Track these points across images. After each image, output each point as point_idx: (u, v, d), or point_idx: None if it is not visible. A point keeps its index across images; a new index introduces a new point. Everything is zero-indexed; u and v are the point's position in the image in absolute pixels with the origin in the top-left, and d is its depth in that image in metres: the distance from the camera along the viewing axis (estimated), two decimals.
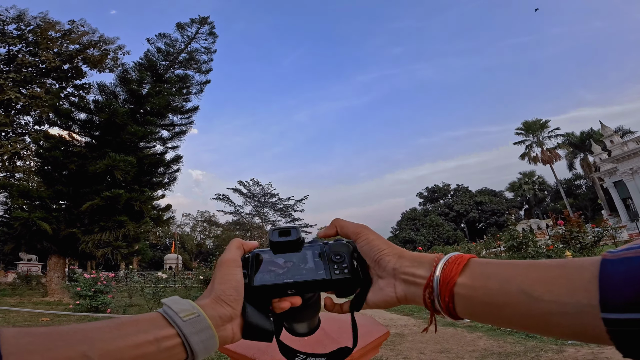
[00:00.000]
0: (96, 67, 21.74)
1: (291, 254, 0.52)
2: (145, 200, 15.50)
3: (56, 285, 14.23)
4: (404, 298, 0.45)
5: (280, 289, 0.49)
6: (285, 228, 0.53)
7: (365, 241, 0.49)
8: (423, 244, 45.99)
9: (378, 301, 0.47)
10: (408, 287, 0.44)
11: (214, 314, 0.42)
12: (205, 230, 55.96)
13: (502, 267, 0.38)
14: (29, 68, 20.04)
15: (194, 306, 0.42)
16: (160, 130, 17.86)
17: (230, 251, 0.50)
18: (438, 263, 0.42)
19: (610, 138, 29.76)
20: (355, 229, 0.51)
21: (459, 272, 0.40)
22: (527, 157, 43.98)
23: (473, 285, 0.38)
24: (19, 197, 14.46)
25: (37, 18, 20.89)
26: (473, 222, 56.63)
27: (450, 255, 0.43)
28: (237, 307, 0.45)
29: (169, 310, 0.40)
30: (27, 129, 21.32)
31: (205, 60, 19.82)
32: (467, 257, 0.42)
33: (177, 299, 0.43)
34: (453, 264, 0.41)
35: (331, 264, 0.50)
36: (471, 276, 0.39)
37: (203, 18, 19.77)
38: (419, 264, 0.45)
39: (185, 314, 0.40)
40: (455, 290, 0.39)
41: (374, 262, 0.48)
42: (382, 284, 0.47)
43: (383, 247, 0.48)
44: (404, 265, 0.45)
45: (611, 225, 15.30)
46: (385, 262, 0.46)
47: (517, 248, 9.33)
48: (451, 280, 0.40)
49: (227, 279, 0.46)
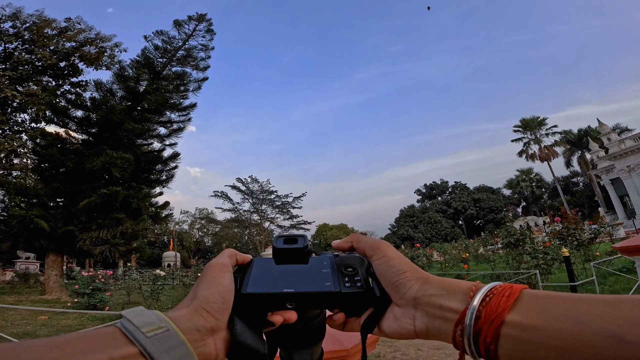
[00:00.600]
0: (93, 64, 21.64)
1: (296, 264, 0.45)
2: (143, 198, 15.48)
3: (54, 283, 14.21)
4: (424, 332, 0.37)
5: (277, 300, 0.41)
6: (292, 235, 0.47)
7: (383, 259, 0.42)
8: (421, 241, 46.15)
9: (391, 331, 0.40)
10: (432, 321, 0.37)
11: (190, 326, 0.35)
12: (204, 228, 55.97)
13: (572, 303, 0.29)
14: (25, 66, 19.92)
15: (162, 319, 0.34)
16: (157, 127, 17.82)
17: (221, 257, 0.44)
18: (476, 293, 0.34)
19: (608, 136, 29.85)
20: (372, 244, 0.44)
21: (509, 307, 0.31)
22: (524, 154, 44.12)
23: (531, 324, 0.30)
24: (16, 194, 14.42)
25: (33, 16, 20.79)
26: (471, 219, 56.85)
27: (494, 285, 0.35)
28: (222, 317, 0.38)
29: (129, 324, 0.32)
30: (24, 127, 21.24)
31: (202, 57, 19.78)
32: (518, 288, 0.33)
33: (140, 310, 0.35)
34: (500, 297, 0.33)
35: (342, 275, 0.43)
36: (527, 313, 0.30)
37: (201, 15, 19.67)
38: (449, 293, 0.37)
39: (150, 328, 0.32)
40: (502, 331, 0.31)
41: (391, 285, 0.40)
42: (398, 312, 0.40)
43: (404, 268, 0.40)
44: (429, 293, 0.37)
45: (608, 223, 15.40)
46: (406, 288, 0.39)
47: (515, 245, 9.37)
48: (498, 317, 0.31)
49: (213, 283, 0.39)
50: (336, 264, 0.45)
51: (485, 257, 14.93)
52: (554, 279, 8.68)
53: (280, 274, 0.44)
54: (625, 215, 30.19)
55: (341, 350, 1.41)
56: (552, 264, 8.43)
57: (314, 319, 0.46)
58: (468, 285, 0.36)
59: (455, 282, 0.38)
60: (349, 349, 1.41)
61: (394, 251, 0.43)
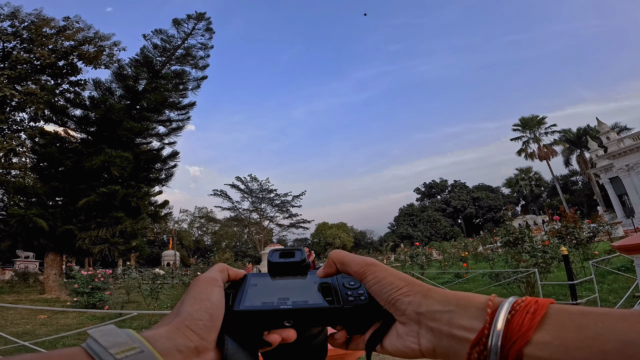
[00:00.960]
0: (91, 63, 21.59)
1: (293, 279, 0.42)
2: (142, 197, 15.47)
3: (53, 282, 14.21)
4: (431, 352, 0.33)
5: (274, 318, 0.37)
6: (288, 249, 0.44)
7: (374, 280, 0.38)
8: (420, 239, 46.21)
9: (394, 349, 0.36)
10: (439, 339, 0.32)
11: (170, 346, 0.31)
12: (203, 227, 55.98)
13: (614, 319, 0.25)
14: (24, 65, 19.87)
15: (135, 338, 0.30)
16: (156, 126, 17.80)
17: (210, 271, 0.40)
18: (499, 310, 0.29)
19: (607, 134, 29.88)
20: (358, 268, 0.39)
21: (535, 326, 0.27)
22: (523, 153, 44.17)
23: (564, 344, 0.25)
24: (15, 193, 14.40)
25: (31, 15, 20.75)
26: (470, 218, 56.95)
27: (514, 299, 0.30)
28: (209, 337, 0.34)
29: (95, 345, 0.28)
30: (23, 126, 21.20)
31: (202, 56, 19.72)
32: (544, 303, 0.29)
33: (110, 328, 0.31)
34: (523, 313, 0.28)
35: (343, 289, 0.40)
36: (559, 331, 0.26)
37: (200, 14, 19.62)
38: (458, 308, 0.32)
39: (121, 349, 0.28)
40: (526, 352, 0.26)
41: (388, 304, 0.37)
42: (401, 329, 0.36)
43: (399, 284, 0.36)
44: (434, 309, 0.33)
45: (607, 222, 15.42)
46: (405, 304, 0.35)
47: (513, 244, 9.38)
48: (522, 337, 0.27)
49: (199, 298, 0.35)
50: (336, 277, 0.42)
51: (484, 256, 14.95)
52: (553, 278, 8.70)
53: (276, 289, 0.40)
54: (624, 214, 30.25)
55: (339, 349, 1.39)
56: (551, 263, 8.44)
57: (314, 338, 0.42)
58: (481, 300, 0.32)
59: (465, 295, 0.33)
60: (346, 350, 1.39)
61: (384, 269, 0.39)
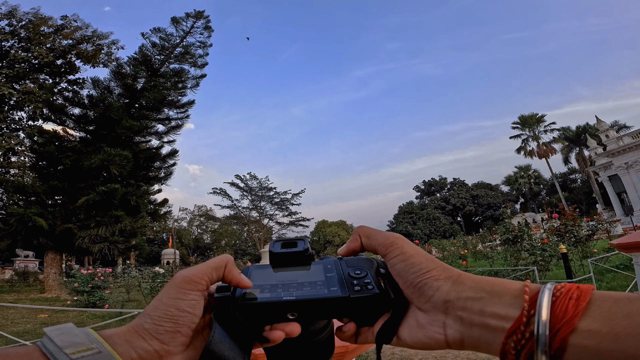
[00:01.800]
0: (90, 62, 21.51)
1: (296, 270, 0.40)
2: (142, 195, 15.46)
3: (53, 281, 14.22)
4: (458, 343, 0.31)
5: (276, 310, 0.35)
6: (290, 239, 0.42)
7: (400, 257, 0.35)
8: (420, 237, 46.29)
9: (415, 341, 0.33)
10: (469, 330, 0.30)
11: (129, 349, 0.29)
12: (203, 225, 55.97)
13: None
14: (22, 64, 19.80)
15: (94, 338, 0.28)
16: (155, 124, 17.77)
17: (199, 269, 0.35)
18: (539, 297, 0.27)
19: (606, 132, 29.92)
20: (384, 240, 0.37)
21: (580, 312, 0.25)
22: (523, 151, 44.24)
23: (614, 332, 0.23)
24: (14, 192, 14.38)
25: (29, 14, 20.67)
26: (469, 216, 57.03)
27: (553, 285, 0.28)
28: (172, 342, 0.31)
29: (50, 344, 0.27)
30: (21, 125, 21.15)
31: (201, 54, 19.70)
32: (587, 289, 0.27)
33: (67, 327, 0.29)
34: (565, 299, 0.26)
35: (350, 279, 0.37)
36: (607, 319, 0.24)
37: (198, 12, 19.57)
38: (491, 295, 0.29)
39: (76, 349, 0.27)
40: (571, 340, 0.24)
41: (412, 288, 0.33)
42: (422, 319, 0.33)
43: (428, 266, 0.33)
44: (465, 296, 0.30)
45: (605, 219, 15.46)
46: (433, 290, 0.32)
47: (513, 241, 9.41)
48: (567, 324, 0.25)
49: (166, 303, 0.32)
50: (342, 267, 0.39)
51: (483, 254, 15.00)
52: (552, 276, 8.74)
53: (279, 280, 0.38)
54: (623, 212, 30.33)
55: (340, 347, 1.39)
56: (550, 261, 8.48)
57: (319, 333, 0.40)
58: (517, 286, 0.30)
59: (498, 281, 0.31)
60: (347, 346, 1.39)
61: (412, 246, 0.36)
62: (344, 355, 1.40)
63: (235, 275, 0.36)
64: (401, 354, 4.89)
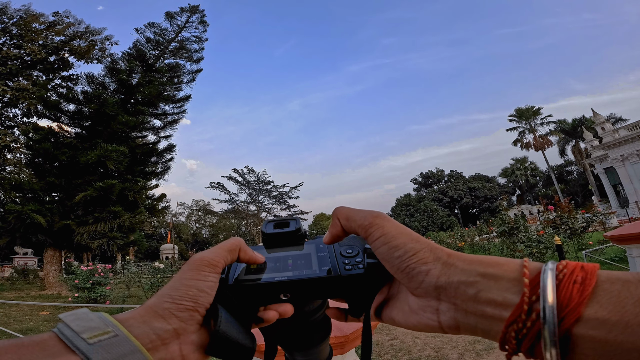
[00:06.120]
0: (83, 58, 21.28)
1: (289, 250, 0.39)
2: (139, 190, 15.45)
3: (53, 278, 14.24)
4: (454, 329, 0.28)
5: (269, 291, 0.35)
6: (283, 219, 0.42)
7: (382, 239, 0.32)
8: (418, 229, 46.56)
9: (409, 326, 0.31)
10: (464, 317, 0.27)
11: (147, 330, 0.29)
12: (201, 219, 56.02)
13: None
14: (15, 61, 19.59)
15: (109, 322, 0.28)
16: (152, 119, 17.70)
17: (215, 251, 0.35)
18: (542, 280, 0.24)
19: (602, 125, 30.05)
20: (363, 220, 0.34)
21: (586, 299, 0.22)
22: (519, 143, 44.36)
23: (624, 322, 0.20)
24: (11, 190, 14.33)
25: (20, 11, 20.40)
26: (466, 208, 57.31)
27: (554, 264, 0.25)
28: (190, 320, 0.31)
29: (67, 330, 0.26)
30: (16, 122, 20.97)
31: (196, 49, 19.55)
32: (592, 269, 0.23)
33: (82, 312, 0.29)
34: (569, 283, 0.23)
35: (341, 258, 0.37)
36: (615, 306, 0.21)
37: (193, 7, 19.38)
38: (486, 278, 0.26)
39: (93, 333, 0.27)
40: (576, 331, 0.22)
41: (400, 273, 0.30)
42: (415, 304, 0.30)
43: (414, 247, 0.30)
44: (457, 280, 0.27)
45: (601, 212, 15.60)
46: (422, 275, 0.29)
47: (509, 233, 9.52)
48: (572, 313, 0.22)
49: (188, 284, 0.32)
50: (334, 246, 0.39)
51: (480, 246, 15.16)
52: None
53: (271, 261, 0.38)
54: (619, 204, 30.61)
55: (340, 337, 1.42)
56: (546, 253, 8.59)
57: (314, 313, 0.40)
58: (513, 267, 0.26)
59: (493, 261, 0.27)
60: (347, 335, 1.42)
61: (394, 225, 0.33)
62: (344, 345, 1.43)
63: (250, 255, 0.37)
64: (400, 345, 4.98)
